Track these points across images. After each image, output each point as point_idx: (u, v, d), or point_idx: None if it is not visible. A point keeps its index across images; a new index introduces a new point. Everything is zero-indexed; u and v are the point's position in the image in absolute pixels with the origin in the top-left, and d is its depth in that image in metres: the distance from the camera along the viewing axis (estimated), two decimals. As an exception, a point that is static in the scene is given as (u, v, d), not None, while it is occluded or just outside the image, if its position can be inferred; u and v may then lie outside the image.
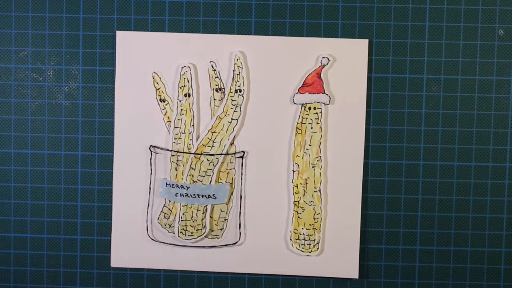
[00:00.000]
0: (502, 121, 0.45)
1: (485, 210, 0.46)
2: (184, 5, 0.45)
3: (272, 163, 0.44)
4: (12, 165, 0.45)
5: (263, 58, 0.44)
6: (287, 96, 0.45)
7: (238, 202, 0.45)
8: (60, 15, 0.45)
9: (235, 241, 0.45)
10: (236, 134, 0.45)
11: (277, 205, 0.45)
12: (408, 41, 0.45)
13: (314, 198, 0.45)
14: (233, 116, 0.45)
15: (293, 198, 0.45)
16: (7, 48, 0.45)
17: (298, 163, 0.45)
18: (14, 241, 0.46)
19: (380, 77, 0.45)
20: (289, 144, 0.45)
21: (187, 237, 0.45)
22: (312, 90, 0.44)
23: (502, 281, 0.46)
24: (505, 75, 0.45)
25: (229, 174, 0.45)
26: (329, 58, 0.44)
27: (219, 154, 0.45)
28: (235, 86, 0.44)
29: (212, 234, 0.45)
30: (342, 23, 0.45)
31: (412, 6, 0.45)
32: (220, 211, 0.45)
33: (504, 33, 0.45)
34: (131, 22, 0.45)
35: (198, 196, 0.45)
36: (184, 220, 0.45)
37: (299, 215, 0.45)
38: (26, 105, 0.45)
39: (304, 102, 0.44)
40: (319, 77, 0.44)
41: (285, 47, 0.44)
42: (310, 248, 0.45)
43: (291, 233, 0.45)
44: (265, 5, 0.45)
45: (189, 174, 0.45)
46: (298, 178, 0.45)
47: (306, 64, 0.44)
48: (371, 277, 0.46)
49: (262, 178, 0.45)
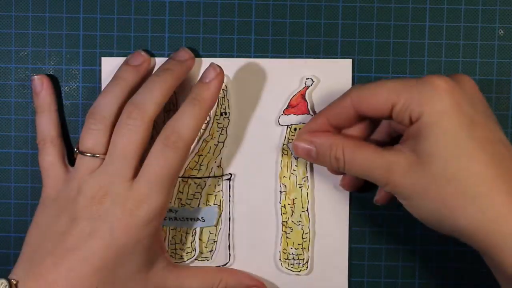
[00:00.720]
0: (502, 121, 0.45)
1: (485, 210, 0.46)
2: (184, 5, 0.45)
3: (260, 185, 0.45)
4: (12, 165, 0.45)
5: (247, 81, 0.45)
6: (273, 118, 0.45)
7: (226, 224, 0.45)
8: (60, 15, 0.45)
9: (225, 262, 0.45)
10: (222, 157, 0.45)
11: (266, 226, 0.45)
12: (408, 41, 0.45)
13: (302, 218, 0.45)
14: (219, 138, 0.45)
15: (281, 218, 0.45)
16: (7, 48, 0.45)
17: (285, 184, 0.45)
18: (14, 241, 0.46)
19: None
20: (275, 165, 0.45)
21: (177, 260, 0.45)
22: (297, 112, 0.45)
23: (502, 281, 0.46)
24: (505, 75, 0.45)
25: (217, 197, 0.45)
26: (313, 79, 0.44)
27: (206, 177, 0.45)
28: (220, 109, 0.44)
29: (202, 256, 0.45)
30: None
31: (412, 6, 0.45)
32: (209, 233, 0.45)
33: (504, 33, 0.45)
34: (131, 22, 0.45)
35: (187, 219, 0.45)
36: (174, 244, 0.45)
37: (287, 235, 0.45)
38: (26, 105, 0.45)
39: (290, 124, 0.45)
40: (304, 98, 0.44)
41: (269, 69, 0.45)
42: (299, 268, 0.45)
43: (280, 253, 0.45)
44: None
45: (177, 197, 0.45)
46: (286, 199, 0.45)
47: (290, 85, 0.45)
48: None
49: (250, 199, 0.45)
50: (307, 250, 0.45)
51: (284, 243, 0.45)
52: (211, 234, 0.45)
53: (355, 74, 0.45)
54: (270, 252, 0.45)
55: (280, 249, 0.45)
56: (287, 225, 0.45)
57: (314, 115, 0.44)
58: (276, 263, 0.45)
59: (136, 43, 0.45)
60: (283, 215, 0.45)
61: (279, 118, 0.45)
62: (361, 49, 0.45)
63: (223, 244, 0.45)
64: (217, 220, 0.45)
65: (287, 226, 0.45)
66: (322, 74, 0.45)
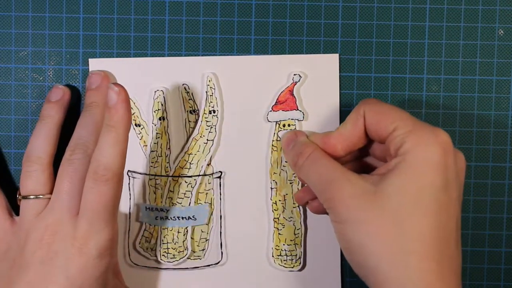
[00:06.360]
0: (502, 121, 0.45)
1: (485, 210, 0.46)
2: (184, 5, 0.45)
3: (250, 182, 0.45)
4: (12, 165, 0.45)
5: (235, 78, 0.45)
6: (261, 114, 0.45)
7: (218, 222, 0.45)
8: (60, 15, 0.45)
9: (217, 261, 0.45)
10: (212, 155, 0.45)
11: (257, 223, 0.45)
12: (408, 41, 0.45)
13: (293, 214, 0.45)
14: (208, 137, 0.45)
15: (272, 215, 0.45)
16: (7, 48, 0.45)
17: (275, 180, 0.45)
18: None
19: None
20: (265, 162, 0.45)
21: (169, 259, 0.45)
22: (285, 108, 0.45)
23: (502, 281, 0.46)
24: (505, 75, 0.45)
25: (207, 195, 0.45)
26: (300, 75, 0.44)
27: (196, 176, 0.45)
28: (208, 107, 0.45)
29: (194, 255, 0.45)
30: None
31: (412, 6, 0.45)
32: (201, 232, 0.45)
33: (504, 33, 0.45)
34: (131, 22, 0.45)
35: (178, 218, 0.45)
36: (166, 243, 0.45)
37: (279, 231, 0.45)
38: (26, 105, 0.45)
39: (278, 120, 0.45)
40: (292, 94, 0.45)
41: (256, 66, 0.45)
42: (292, 264, 0.45)
43: (272, 250, 0.45)
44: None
45: (168, 197, 0.45)
46: (277, 195, 0.45)
47: (278, 81, 0.45)
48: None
49: (240, 197, 0.45)
50: (300, 246, 0.45)
51: (276, 240, 0.45)
52: (203, 233, 0.45)
53: (355, 74, 0.45)
54: (262, 249, 0.45)
55: (272, 246, 0.45)
56: (278, 221, 0.45)
57: (304, 112, 0.44)
58: (269, 259, 0.45)
59: (136, 43, 0.45)
60: (274, 211, 0.45)
61: (267, 115, 0.45)
62: (361, 49, 0.45)
63: (215, 243, 0.45)
64: (208, 218, 0.45)
65: (278, 222, 0.45)
66: (309, 70, 0.45)
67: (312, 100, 0.44)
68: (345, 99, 0.45)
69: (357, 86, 0.45)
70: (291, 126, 0.45)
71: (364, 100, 0.39)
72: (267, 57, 0.45)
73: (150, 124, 0.45)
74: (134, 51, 0.45)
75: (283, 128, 0.45)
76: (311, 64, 0.45)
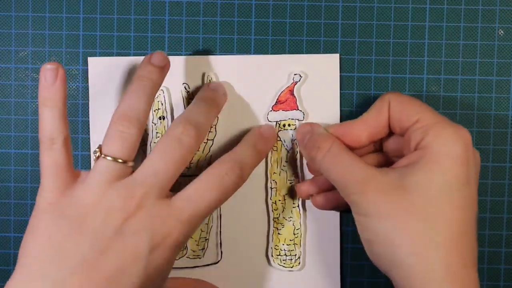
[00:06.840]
0: (502, 121, 0.45)
1: (485, 210, 0.46)
2: (184, 5, 0.45)
3: (250, 181, 0.44)
4: (12, 165, 0.45)
5: (235, 78, 0.45)
6: (261, 114, 0.45)
7: (217, 222, 0.45)
8: (60, 15, 0.45)
9: (216, 260, 0.45)
10: (212, 155, 0.45)
11: (257, 223, 0.45)
12: (408, 41, 0.45)
13: (293, 214, 0.45)
14: (208, 136, 0.45)
15: (272, 215, 0.45)
16: (7, 48, 0.45)
17: (275, 180, 0.45)
18: (14, 241, 0.46)
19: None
20: (265, 162, 0.45)
21: None
22: (285, 107, 0.45)
23: (502, 281, 0.46)
24: (505, 75, 0.45)
25: None
26: (301, 75, 0.44)
27: (196, 176, 0.44)
28: None
29: (193, 254, 0.45)
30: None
31: (412, 6, 0.45)
32: (200, 231, 0.45)
33: (504, 33, 0.45)
34: (131, 22, 0.45)
35: None
36: None
37: (279, 231, 0.45)
38: (26, 105, 0.45)
39: (279, 119, 0.45)
40: (292, 94, 0.44)
41: (256, 65, 0.45)
42: (291, 263, 0.45)
43: (272, 250, 0.45)
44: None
45: None
46: (277, 195, 0.45)
47: (278, 81, 0.45)
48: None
49: (240, 196, 0.45)
50: (299, 245, 0.45)
51: (275, 239, 0.45)
52: (202, 232, 0.45)
53: (355, 74, 0.45)
54: (262, 248, 0.45)
55: (272, 246, 0.45)
56: (278, 221, 0.45)
57: (304, 112, 0.44)
58: (268, 259, 0.45)
59: (136, 43, 0.45)
60: (274, 211, 0.45)
61: (268, 115, 0.45)
62: (361, 49, 0.45)
63: (214, 242, 0.45)
64: (208, 218, 0.45)
65: (278, 222, 0.45)
66: (310, 70, 0.45)
67: (313, 100, 0.44)
68: (345, 99, 0.45)
69: (357, 86, 0.45)
70: (291, 126, 0.45)
71: (389, 92, 0.40)
72: (267, 57, 0.45)
73: (150, 124, 0.45)
74: (134, 51, 0.45)
75: (283, 128, 0.45)
76: (311, 64, 0.45)
